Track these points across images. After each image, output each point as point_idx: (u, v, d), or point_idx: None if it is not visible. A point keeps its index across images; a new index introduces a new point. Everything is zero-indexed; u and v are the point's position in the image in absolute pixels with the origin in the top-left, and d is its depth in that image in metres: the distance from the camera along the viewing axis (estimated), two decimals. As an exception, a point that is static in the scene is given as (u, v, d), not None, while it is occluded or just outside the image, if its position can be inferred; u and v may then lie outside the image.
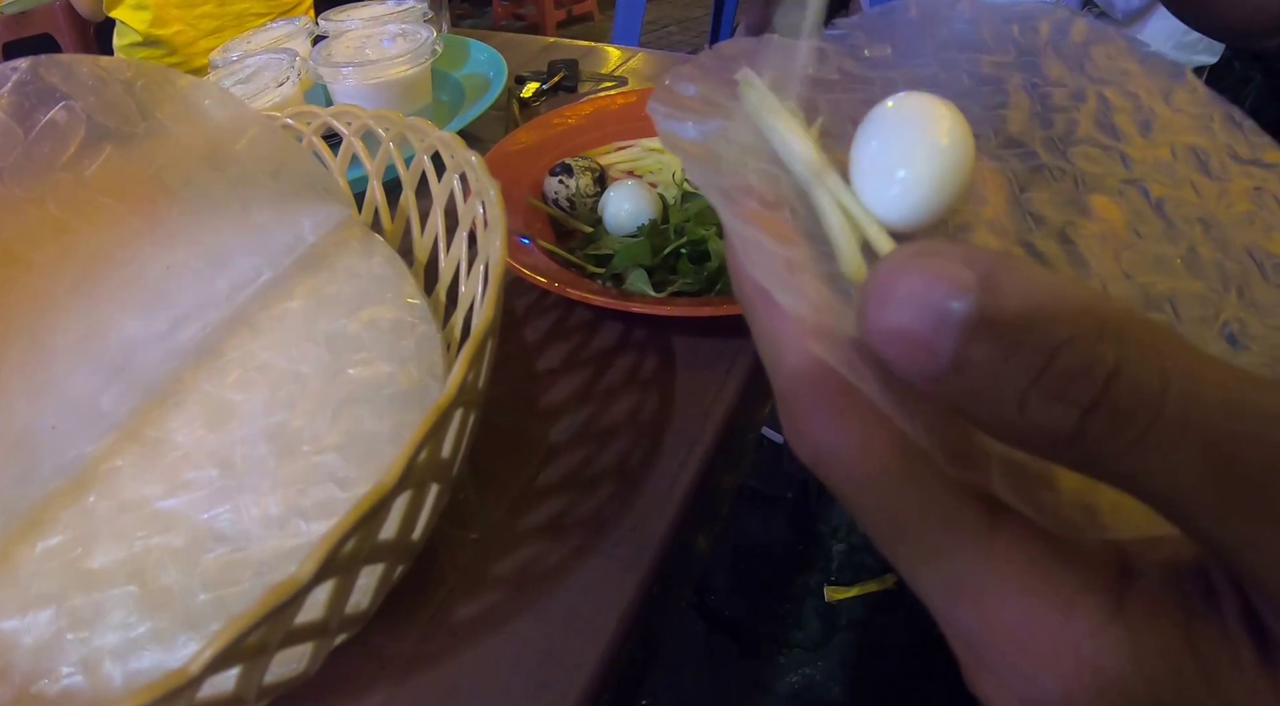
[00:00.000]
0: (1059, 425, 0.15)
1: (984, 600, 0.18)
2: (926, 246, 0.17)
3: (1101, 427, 0.15)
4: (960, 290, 0.16)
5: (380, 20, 0.98)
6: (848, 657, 1.37)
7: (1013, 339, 0.15)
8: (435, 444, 0.33)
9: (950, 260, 0.16)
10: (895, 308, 0.16)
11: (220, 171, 0.52)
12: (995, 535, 0.18)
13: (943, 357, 0.16)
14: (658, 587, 0.46)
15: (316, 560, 0.26)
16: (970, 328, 0.15)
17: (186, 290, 0.52)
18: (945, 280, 0.16)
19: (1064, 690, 0.17)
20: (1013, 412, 0.16)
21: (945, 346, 0.16)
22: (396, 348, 0.50)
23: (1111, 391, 0.15)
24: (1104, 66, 0.26)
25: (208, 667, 0.25)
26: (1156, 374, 0.15)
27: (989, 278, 0.16)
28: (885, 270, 0.17)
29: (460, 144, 0.48)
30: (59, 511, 0.46)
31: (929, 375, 0.16)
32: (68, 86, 0.46)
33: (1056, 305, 0.15)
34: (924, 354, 0.16)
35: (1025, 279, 0.16)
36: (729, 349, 0.58)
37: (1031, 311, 0.15)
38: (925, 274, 0.16)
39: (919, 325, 0.16)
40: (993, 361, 0.15)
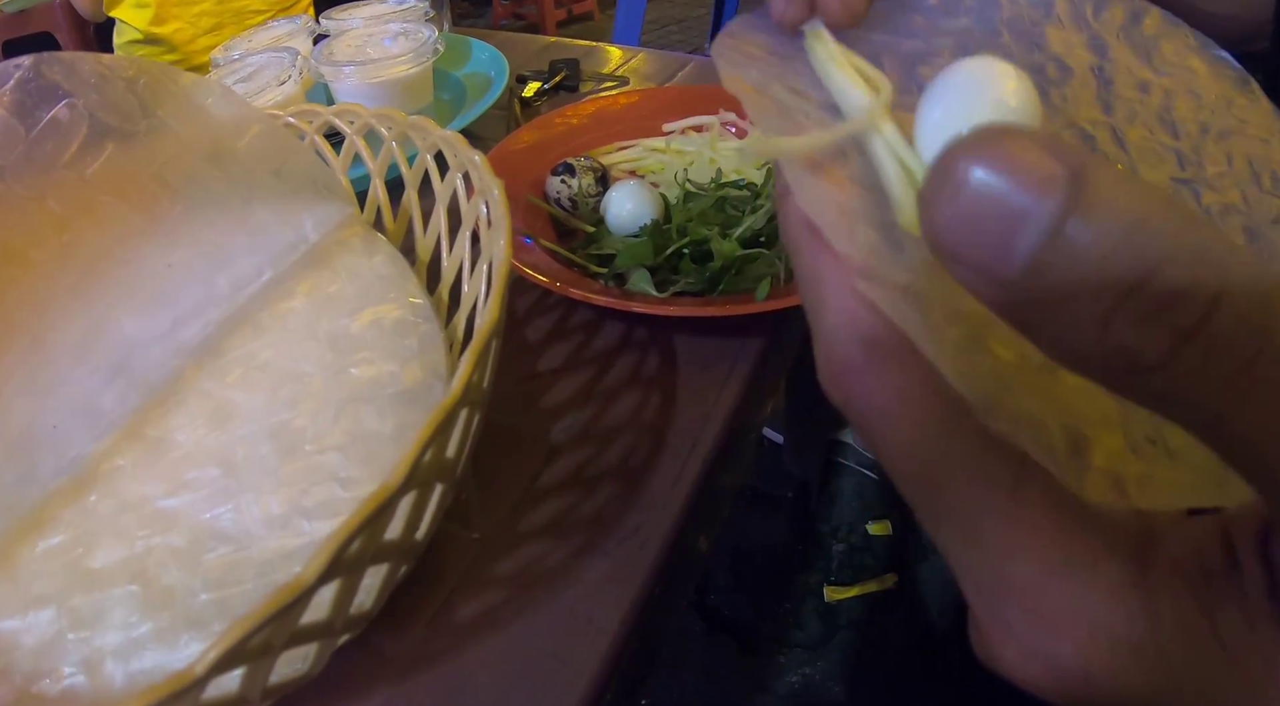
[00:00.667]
0: (1148, 349, 0.14)
1: (1005, 555, 0.18)
2: (1007, 127, 0.15)
3: (1195, 358, 0.14)
4: (1047, 184, 0.14)
5: (382, 19, 0.98)
6: (847, 657, 1.37)
7: (1106, 247, 0.14)
8: (440, 444, 0.33)
9: (1036, 148, 0.15)
10: (968, 195, 0.15)
11: (222, 169, 0.52)
12: (1022, 491, 0.18)
13: (1019, 259, 0.14)
14: (659, 587, 0.46)
15: (322, 560, 0.26)
16: (1055, 228, 0.14)
17: (188, 289, 0.52)
18: (1030, 170, 0.14)
19: (1077, 649, 0.17)
20: (1093, 331, 0.14)
21: (1024, 247, 0.14)
22: (399, 347, 0.50)
23: (1212, 320, 0.13)
24: (1172, 62, 0.26)
25: (213, 668, 0.25)
26: (1261, 310, 0.13)
27: (1080, 175, 0.14)
28: (960, 149, 0.15)
29: (463, 143, 0.48)
30: (60, 511, 0.46)
31: (999, 278, 0.15)
32: (70, 84, 0.46)
33: (1155, 218, 0.14)
34: (996, 252, 0.15)
35: (1119, 182, 0.14)
36: (731, 349, 0.58)
37: (1126, 218, 0.14)
38: (1008, 159, 0.14)
39: (995, 218, 0.14)
40: (1078, 271, 0.14)
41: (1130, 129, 0.25)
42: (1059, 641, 0.17)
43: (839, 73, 0.22)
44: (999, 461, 0.18)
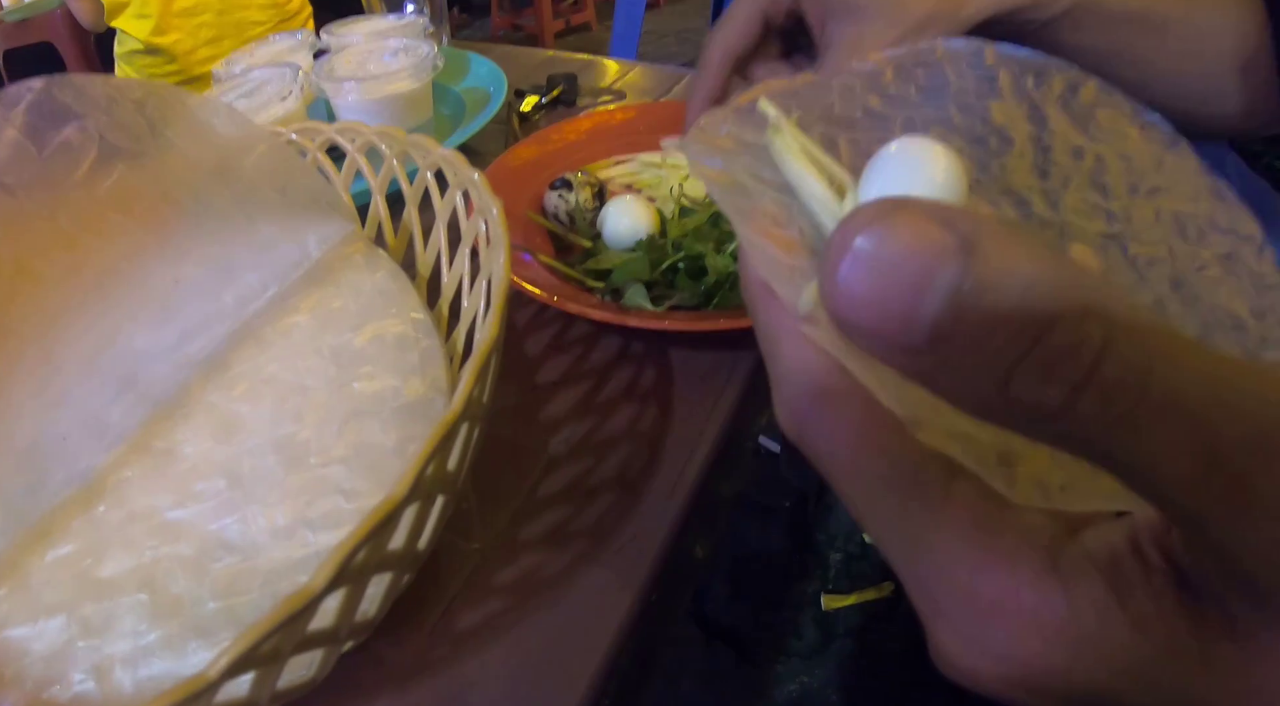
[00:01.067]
0: (1044, 402, 0.15)
1: (938, 555, 0.20)
2: (899, 201, 0.16)
3: (1088, 406, 0.15)
4: (941, 255, 0.15)
5: (382, 34, 0.99)
6: (845, 665, 1.38)
7: (999, 313, 0.15)
8: (442, 457, 0.34)
9: (928, 219, 0.15)
10: (866, 271, 0.15)
11: (228, 188, 0.53)
12: (950, 496, 0.20)
13: (920, 330, 0.15)
14: (656, 596, 0.47)
15: (331, 568, 0.27)
16: (952, 298, 0.15)
17: (195, 304, 0.53)
18: (924, 242, 0.15)
19: (1009, 636, 0.19)
20: (993, 389, 0.15)
21: (923, 318, 0.15)
22: (401, 361, 0.51)
23: (1100, 370, 0.15)
24: (1106, 128, 0.27)
25: (226, 672, 0.26)
26: (1142, 353, 0.15)
27: (971, 243, 0.15)
28: (854, 226, 0.16)
29: (463, 162, 0.49)
30: (69, 521, 0.47)
31: (902, 348, 0.16)
32: (80, 106, 0.47)
33: (1042, 276, 0.15)
34: (897, 325, 0.15)
35: (1008, 245, 0.15)
36: (725, 361, 0.59)
37: (1017, 282, 0.15)
38: (901, 233, 0.15)
39: (893, 293, 0.15)
40: (976, 336, 0.15)
41: (1064, 192, 0.26)
42: (994, 631, 0.19)
43: (795, 163, 0.24)
44: (932, 472, 0.20)
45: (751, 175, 0.24)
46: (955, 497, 0.20)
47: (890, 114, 0.27)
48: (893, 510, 0.20)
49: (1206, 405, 0.15)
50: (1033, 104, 0.27)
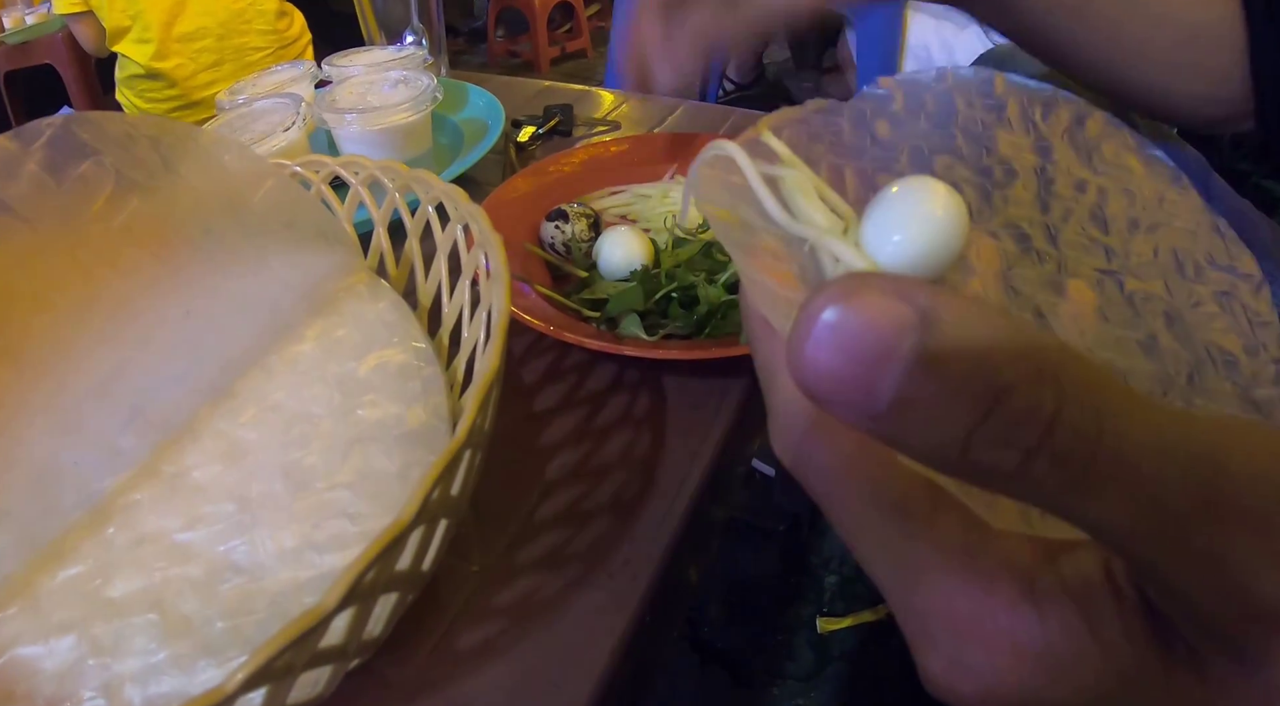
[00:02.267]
0: (1001, 466, 0.16)
1: (921, 578, 0.21)
2: (861, 278, 0.17)
3: (1042, 469, 0.16)
4: (900, 328, 0.16)
5: (382, 66, 1.01)
6: (841, 688, 1.38)
7: (956, 381, 0.16)
8: (446, 482, 0.36)
9: (887, 294, 0.16)
10: (829, 344, 0.16)
11: (238, 221, 0.55)
12: (935, 522, 0.21)
13: (881, 399, 0.16)
14: (650, 617, 0.48)
15: (343, 587, 0.29)
16: (911, 368, 0.16)
17: (204, 334, 0.55)
18: (884, 316, 0.16)
19: (988, 657, 0.20)
20: (954, 453, 0.16)
21: (885, 387, 0.16)
22: (404, 389, 0.53)
23: (1052, 435, 0.15)
24: (1110, 161, 0.28)
25: (243, 686, 0.27)
26: (1093, 416, 0.16)
27: (929, 313, 0.16)
28: (819, 301, 0.16)
29: (464, 197, 0.51)
30: (80, 542, 0.48)
31: (866, 415, 0.16)
32: (97, 142, 0.49)
33: (997, 344, 0.16)
34: (860, 394, 0.16)
35: (964, 315, 0.16)
36: (718, 388, 0.61)
37: (973, 351, 0.16)
38: (862, 308, 0.16)
39: (855, 364, 0.16)
40: (935, 403, 0.16)
41: (1064, 226, 0.27)
42: (973, 652, 0.20)
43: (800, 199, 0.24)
44: (918, 500, 0.21)
45: (754, 211, 0.24)
46: (939, 524, 0.21)
47: (898, 142, 0.28)
48: (880, 535, 0.21)
49: (1155, 464, 0.16)
50: (1039, 135, 0.28)
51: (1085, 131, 0.28)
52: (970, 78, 0.29)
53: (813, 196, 0.24)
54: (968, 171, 0.28)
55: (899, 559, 0.21)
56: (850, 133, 0.28)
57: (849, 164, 0.28)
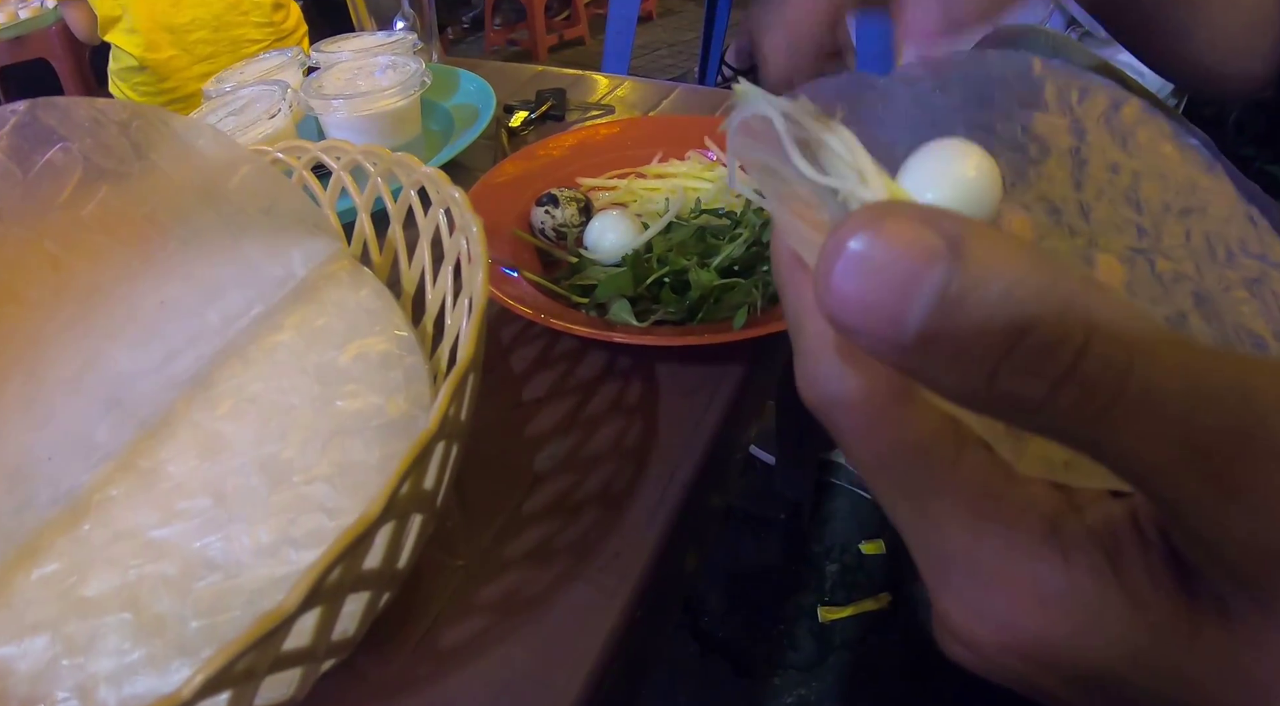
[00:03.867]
0: (1027, 396, 0.16)
1: (942, 522, 0.20)
2: (890, 206, 0.17)
3: (1069, 400, 0.16)
4: (929, 258, 0.15)
5: (371, 52, 0.99)
6: (842, 677, 1.37)
7: (983, 313, 0.15)
8: (418, 476, 0.35)
9: (916, 222, 0.16)
10: (857, 273, 0.16)
11: (213, 208, 0.53)
12: (959, 464, 0.20)
13: (908, 329, 0.16)
14: (642, 611, 0.47)
15: (303, 589, 0.27)
16: (938, 298, 0.15)
17: (179, 324, 0.53)
18: (913, 245, 0.16)
19: (1009, 602, 0.19)
20: (980, 384, 0.16)
21: (912, 318, 0.16)
22: (384, 379, 0.51)
23: (1080, 366, 0.15)
24: (1145, 146, 0.28)
25: (199, 692, 0.26)
26: (1122, 348, 0.15)
27: (958, 244, 0.15)
28: (845, 230, 0.16)
29: (445, 180, 0.49)
30: (54, 540, 0.47)
31: (892, 345, 0.16)
32: (65, 128, 0.47)
33: (1026, 277, 0.15)
34: (887, 324, 0.16)
35: (994, 246, 0.16)
36: (711, 376, 0.60)
37: (1002, 282, 0.15)
38: (890, 236, 0.16)
39: (883, 294, 0.16)
40: (962, 334, 0.15)
41: (1097, 204, 0.27)
42: (994, 597, 0.20)
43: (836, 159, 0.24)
44: (944, 441, 0.20)
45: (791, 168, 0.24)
46: (963, 467, 0.20)
47: (933, 119, 0.28)
48: (903, 477, 0.21)
49: (1185, 399, 0.15)
50: (1075, 118, 0.28)
51: (1121, 116, 0.28)
52: (1008, 59, 0.29)
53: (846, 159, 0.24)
54: (1002, 147, 0.27)
55: (921, 501, 0.21)
56: (882, 108, 0.28)
57: (880, 136, 0.27)
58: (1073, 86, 0.28)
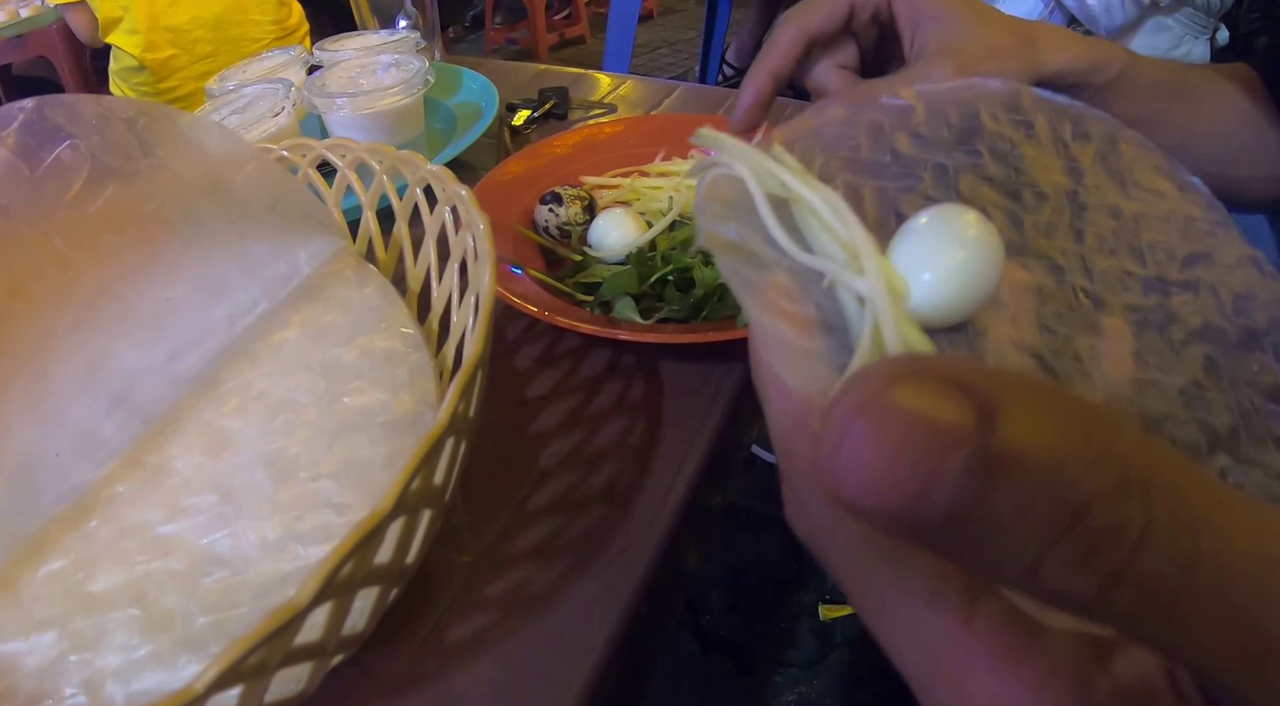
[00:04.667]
0: (1076, 592, 0.14)
1: (961, 681, 0.18)
2: (907, 362, 0.15)
3: (1125, 597, 0.14)
4: (957, 433, 0.13)
5: (374, 50, 0.99)
6: (844, 675, 1.37)
7: (1024, 494, 0.13)
8: (428, 471, 0.35)
9: (941, 385, 0.14)
10: (870, 449, 0.14)
11: (219, 206, 0.53)
12: (974, 616, 0.18)
13: (934, 514, 0.14)
14: (646, 608, 0.47)
15: (315, 583, 0.28)
16: (971, 478, 0.13)
17: (186, 321, 0.54)
18: (936, 418, 0.14)
19: None
20: (1020, 572, 0.14)
21: (938, 500, 0.13)
22: (390, 376, 0.51)
23: (1139, 559, 0.13)
24: (1145, 186, 0.26)
25: (212, 686, 0.26)
26: (1187, 534, 0.13)
27: (991, 412, 0.13)
28: (854, 396, 0.14)
29: (451, 178, 0.50)
30: (62, 536, 0.47)
31: (913, 530, 0.14)
32: (72, 126, 0.47)
33: (1073, 445, 0.13)
34: (908, 508, 0.14)
35: (1033, 408, 0.14)
36: (715, 373, 0.60)
37: (1045, 454, 0.13)
38: (908, 407, 0.14)
39: (901, 475, 0.14)
40: (999, 519, 0.13)
41: (1099, 257, 0.25)
42: None
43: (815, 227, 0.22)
44: (950, 584, 0.18)
45: (765, 241, 0.22)
46: (980, 617, 0.18)
47: (921, 158, 0.26)
48: (912, 627, 0.19)
49: (1256, 585, 0.14)
50: (1069, 156, 0.26)
51: (1119, 154, 0.27)
52: (996, 89, 0.27)
53: (828, 222, 0.22)
54: (996, 194, 0.26)
55: (934, 655, 0.19)
56: (868, 147, 0.26)
57: (867, 183, 0.25)
58: (1065, 120, 0.27)
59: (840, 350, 0.21)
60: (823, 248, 0.22)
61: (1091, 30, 1.61)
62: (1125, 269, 0.25)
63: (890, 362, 0.15)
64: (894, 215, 0.24)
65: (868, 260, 0.21)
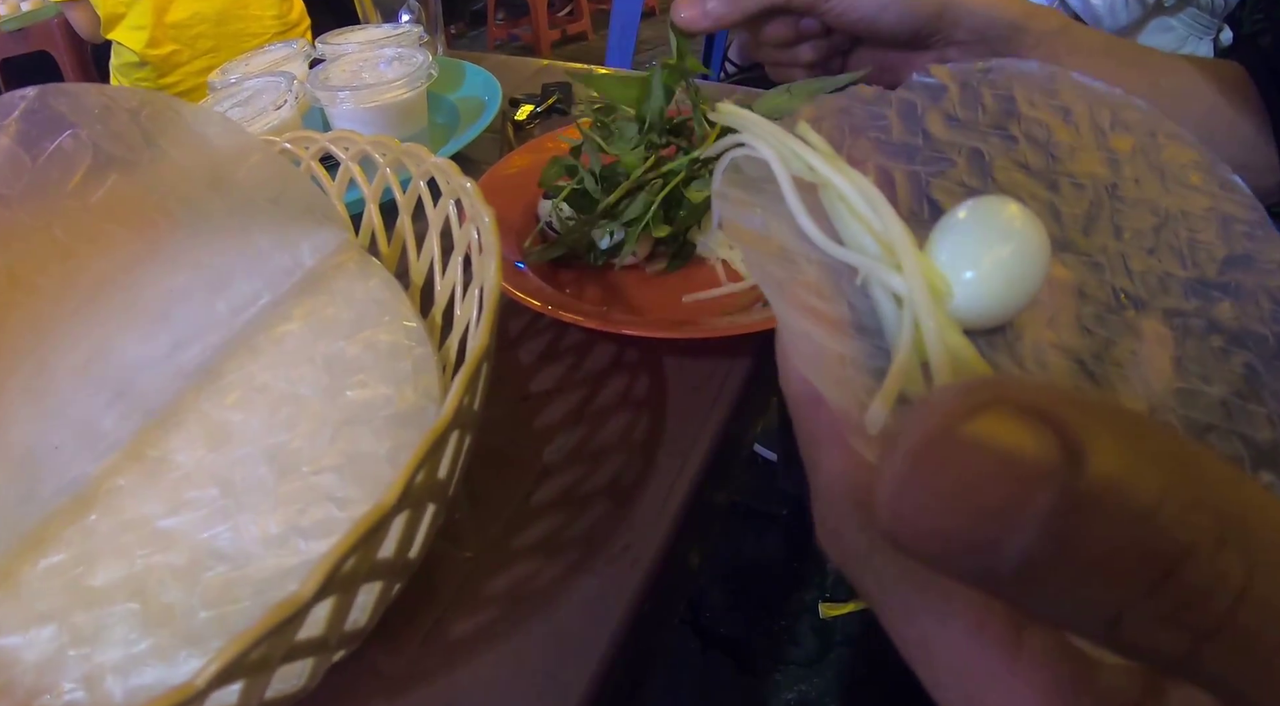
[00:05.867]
0: (1165, 649, 0.13)
1: None
2: (982, 388, 0.13)
3: (1218, 657, 0.12)
4: (1040, 468, 0.12)
5: (376, 44, 0.99)
6: (844, 674, 1.37)
7: (1114, 541, 0.12)
8: (432, 465, 0.34)
9: (1021, 415, 0.12)
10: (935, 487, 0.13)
11: (222, 197, 0.53)
12: (1019, 651, 0.17)
13: (1007, 562, 0.12)
14: (650, 605, 0.47)
15: (319, 578, 0.27)
16: (1052, 524, 0.12)
17: (188, 313, 0.53)
18: (1018, 450, 0.12)
19: None
20: (1101, 627, 0.13)
21: (1013, 548, 0.12)
22: (393, 370, 0.51)
23: (1237, 617, 0.12)
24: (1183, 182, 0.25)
25: (213, 681, 0.26)
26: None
27: (1080, 449, 0.12)
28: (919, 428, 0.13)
29: (455, 170, 0.49)
30: (61, 529, 0.47)
31: (981, 578, 0.13)
32: (75, 115, 0.47)
33: (1170, 494, 0.12)
34: (977, 555, 0.12)
35: (1127, 450, 0.12)
36: (720, 369, 0.59)
37: (1138, 504, 0.12)
38: (988, 437, 0.12)
39: (973, 517, 0.12)
40: (1079, 570, 0.12)
41: (1138, 256, 0.24)
42: None
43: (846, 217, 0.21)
44: (995, 617, 0.17)
45: (792, 232, 0.21)
46: (1027, 652, 0.16)
47: (955, 142, 0.25)
48: (954, 658, 0.17)
49: None
50: (1109, 148, 0.25)
51: (1159, 147, 0.25)
52: (1033, 72, 0.26)
53: (860, 211, 0.21)
54: (1033, 184, 0.25)
55: (972, 690, 0.17)
56: (899, 128, 0.25)
57: (899, 166, 0.24)
58: (1103, 107, 0.25)
59: (876, 353, 0.20)
60: (853, 238, 0.21)
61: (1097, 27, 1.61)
62: (1166, 270, 0.24)
63: (963, 389, 0.13)
64: (926, 201, 0.23)
65: (906, 256, 0.20)
